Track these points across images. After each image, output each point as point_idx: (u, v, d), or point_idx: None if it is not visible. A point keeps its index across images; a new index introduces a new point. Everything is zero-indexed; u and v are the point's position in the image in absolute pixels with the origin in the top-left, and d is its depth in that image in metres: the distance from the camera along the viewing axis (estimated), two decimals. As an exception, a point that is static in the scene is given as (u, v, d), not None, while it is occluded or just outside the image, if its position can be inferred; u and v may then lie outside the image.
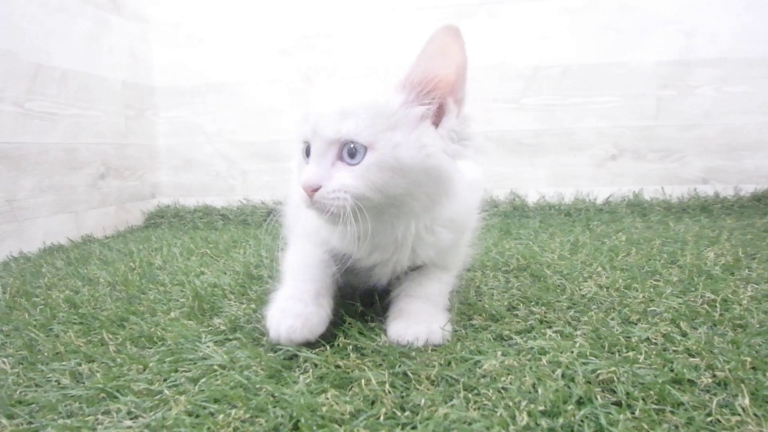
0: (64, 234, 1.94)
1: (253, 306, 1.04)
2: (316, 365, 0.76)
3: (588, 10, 2.19)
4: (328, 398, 0.66)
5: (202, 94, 2.46)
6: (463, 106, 0.83)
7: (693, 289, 1.06)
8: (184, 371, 0.76)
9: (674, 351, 0.78)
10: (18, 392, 0.73)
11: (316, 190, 0.77)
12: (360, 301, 0.99)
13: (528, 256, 1.40)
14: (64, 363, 0.81)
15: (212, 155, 2.50)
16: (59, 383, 0.75)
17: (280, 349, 0.81)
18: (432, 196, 0.82)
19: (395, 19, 2.30)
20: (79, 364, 0.80)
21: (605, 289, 1.10)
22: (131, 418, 0.65)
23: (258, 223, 2.27)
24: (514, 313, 0.97)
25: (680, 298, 1.02)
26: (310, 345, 0.82)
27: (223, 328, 0.93)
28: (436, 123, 0.82)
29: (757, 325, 0.86)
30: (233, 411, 0.64)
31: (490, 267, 1.32)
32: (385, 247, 0.89)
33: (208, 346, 0.84)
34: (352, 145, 0.77)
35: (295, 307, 0.82)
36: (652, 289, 1.08)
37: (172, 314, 1.02)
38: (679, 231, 1.71)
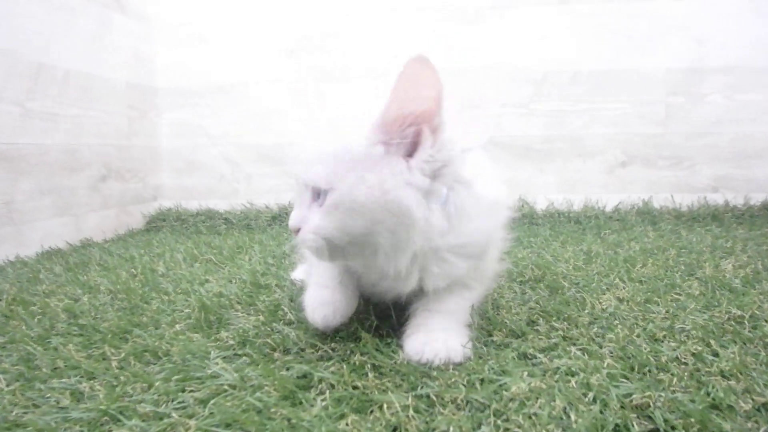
0: (62, 238, 1.89)
1: (261, 318, 1.00)
2: (332, 386, 0.72)
3: (598, 15, 2.17)
4: (348, 424, 0.62)
5: (205, 96, 2.42)
6: (440, 133, 0.79)
7: (716, 304, 1.03)
8: (192, 391, 0.72)
9: (707, 372, 0.74)
10: (14, 413, 0.69)
11: (298, 230, 0.81)
12: (375, 314, 0.95)
13: (542, 266, 1.36)
14: (63, 380, 0.77)
15: (216, 158, 2.46)
16: (59, 404, 0.71)
17: (293, 367, 0.77)
18: (395, 233, 0.78)
19: (397, 19, 2.27)
20: (80, 382, 0.76)
21: (625, 303, 1.06)
22: (138, 445, 0.61)
23: (262, 227, 2.23)
24: (535, 328, 0.93)
25: (704, 313, 0.98)
26: (324, 361, 0.79)
27: (231, 342, 0.89)
28: (412, 154, 0.79)
29: (791, 345, 0.82)
30: (247, 437, 0.60)
31: (505, 277, 1.28)
32: (387, 278, 0.86)
33: (217, 363, 0.80)
34: (319, 189, 0.79)
35: (325, 295, 0.88)
36: (674, 304, 1.04)
37: (177, 326, 0.98)
38: (691, 241, 1.68)
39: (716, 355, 0.80)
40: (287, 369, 0.78)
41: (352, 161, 0.78)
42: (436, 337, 0.82)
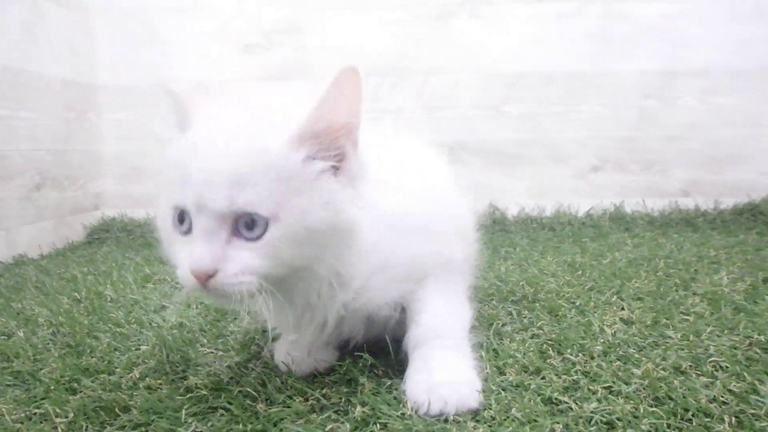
0: (-8, 254, 1.69)
1: (234, 357, 0.87)
2: (335, 453, 0.60)
3: (574, 16, 2.13)
4: None
5: (153, 94, 2.23)
6: (357, 147, 0.72)
7: (731, 326, 0.95)
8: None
9: (753, 415, 0.65)
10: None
11: (211, 275, 0.64)
12: (367, 351, 0.83)
13: (532, 282, 1.28)
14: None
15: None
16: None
17: (286, 429, 0.64)
18: (337, 254, 0.72)
19: (363, 15, 2.17)
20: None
21: (633, 326, 0.98)
22: None
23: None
24: (549, 362, 0.83)
25: (722, 337, 0.90)
26: (317, 413, 0.66)
27: (203, 392, 0.75)
28: (335, 171, 0.71)
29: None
30: None
31: (496, 296, 1.19)
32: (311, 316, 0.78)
33: (191, 424, 0.66)
34: (249, 218, 0.65)
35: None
36: (686, 327, 0.96)
37: (136, 371, 0.82)
38: (672, 249, 1.63)
39: (755, 391, 0.71)
40: (276, 424, 0.65)
41: (293, 182, 0.66)
42: (441, 381, 0.72)
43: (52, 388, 0.78)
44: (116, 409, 0.71)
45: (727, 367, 0.79)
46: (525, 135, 2.19)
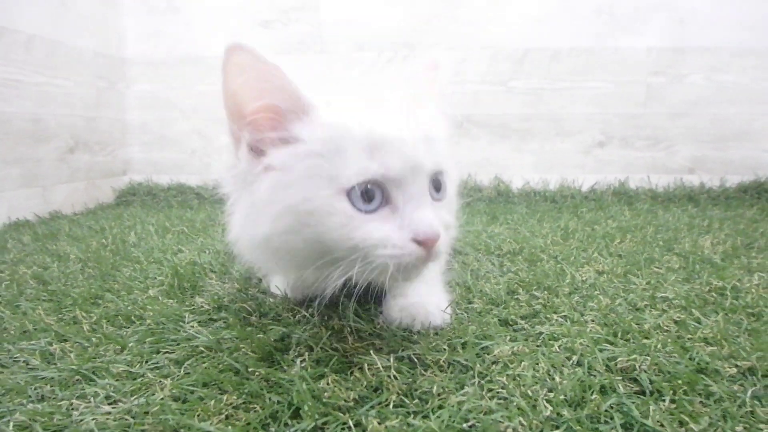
0: (30, 209, 1.83)
1: (237, 285, 0.98)
2: (311, 348, 0.70)
3: (582, -8, 2.15)
4: (329, 383, 0.60)
5: (176, 67, 2.35)
6: None
7: (697, 276, 1.03)
8: (167, 353, 0.69)
9: (690, 339, 0.73)
10: (-20, 373, 0.66)
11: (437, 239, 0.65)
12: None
13: (520, 240, 1.36)
14: (33, 342, 0.74)
15: (188, 132, 2.39)
16: (28, 364, 0.68)
17: (270, 330, 0.75)
18: None
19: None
20: (50, 344, 0.73)
21: (605, 275, 1.06)
22: (110, 403, 0.58)
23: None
24: (515, 297, 0.92)
25: (685, 285, 0.98)
26: (302, 324, 0.77)
27: (206, 307, 0.86)
28: None
29: (773, 314, 0.82)
30: (225, 396, 0.58)
31: (483, 250, 1.27)
32: None
33: (192, 326, 0.77)
34: (437, 179, 0.69)
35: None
36: (654, 276, 1.04)
37: (150, 292, 0.94)
38: (668, 219, 1.69)
39: (699, 322, 0.80)
40: (264, 332, 0.75)
41: (445, 140, 0.72)
42: (414, 302, 0.81)
43: (80, 301, 0.90)
44: (131, 317, 0.82)
45: (680, 305, 0.87)
46: (531, 110, 2.23)
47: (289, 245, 0.66)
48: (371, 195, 0.64)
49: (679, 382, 0.60)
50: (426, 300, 0.82)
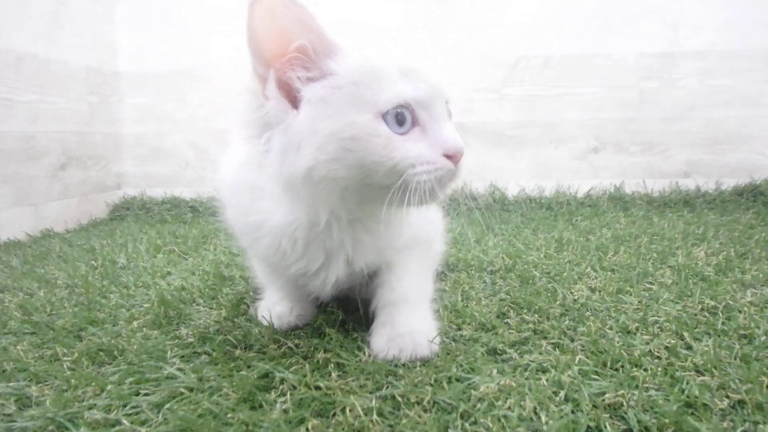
0: (21, 228, 1.82)
1: (223, 313, 0.96)
2: (294, 387, 0.69)
3: (573, -2, 2.14)
4: (308, 430, 0.59)
5: (170, 80, 2.34)
6: None
7: (689, 293, 1.01)
8: (147, 394, 0.68)
9: (681, 367, 0.72)
10: (-45, 421, 0.65)
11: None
12: (341, 308, 0.92)
13: (513, 254, 1.34)
14: (10, 384, 0.73)
15: (181, 144, 2.38)
16: (3, 411, 0.66)
17: (254, 366, 0.74)
18: None
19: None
20: (28, 386, 0.72)
21: (598, 293, 1.05)
22: (84, 457, 0.57)
23: (229, 215, 2.17)
24: (506, 321, 0.91)
25: (677, 303, 0.97)
26: (287, 358, 0.75)
27: (191, 339, 0.85)
28: None
29: (764, 337, 0.81)
30: (201, 446, 0.57)
31: (475, 267, 1.26)
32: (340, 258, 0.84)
33: (174, 362, 0.76)
34: (448, 105, 0.75)
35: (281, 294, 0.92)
36: (646, 294, 1.03)
37: (135, 323, 0.93)
38: (663, 227, 1.67)
39: (690, 348, 0.78)
40: (248, 367, 0.74)
41: None
42: (401, 332, 0.80)
43: (62, 335, 0.89)
44: (114, 352, 0.81)
45: (671, 329, 0.85)
46: (525, 117, 2.22)
47: (331, 174, 0.68)
48: (402, 118, 0.70)
49: (666, 421, 0.59)
50: (414, 329, 0.81)
